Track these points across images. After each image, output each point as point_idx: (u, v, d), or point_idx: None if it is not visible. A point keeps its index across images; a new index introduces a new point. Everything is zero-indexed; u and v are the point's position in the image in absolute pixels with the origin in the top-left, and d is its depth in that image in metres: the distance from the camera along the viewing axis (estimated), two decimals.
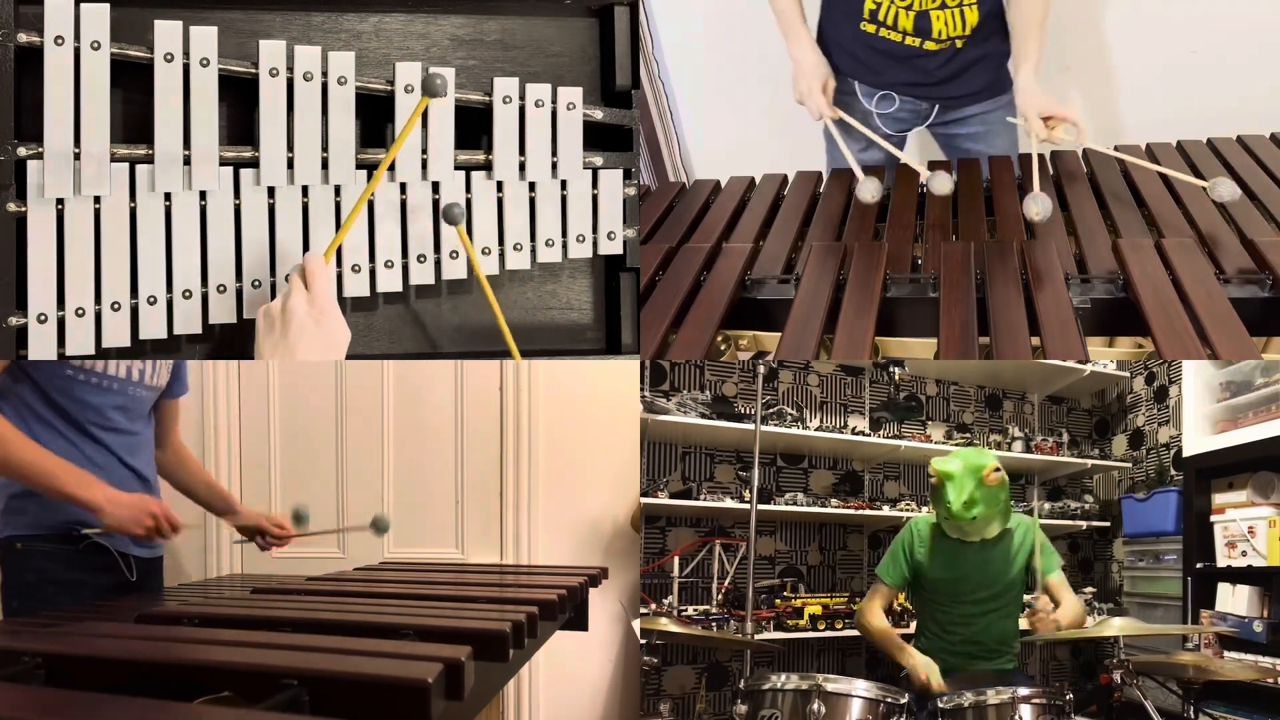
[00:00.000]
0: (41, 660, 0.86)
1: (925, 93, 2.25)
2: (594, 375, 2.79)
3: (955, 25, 2.14)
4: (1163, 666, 2.14)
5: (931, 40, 2.16)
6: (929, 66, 2.21)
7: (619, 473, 2.80)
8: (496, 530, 2.82)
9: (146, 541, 1.75)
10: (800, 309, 1.58)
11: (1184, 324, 1.44)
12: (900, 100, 2.24)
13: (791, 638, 2.89)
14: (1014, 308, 1.52)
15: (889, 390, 3.46)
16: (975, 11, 2.13)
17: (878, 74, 2.23)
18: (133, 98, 1.56)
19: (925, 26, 2.15)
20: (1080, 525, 3.55)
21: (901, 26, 2.15)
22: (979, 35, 2.17)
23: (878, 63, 2.22)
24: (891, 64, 2.21)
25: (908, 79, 2.23)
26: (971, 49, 2.19)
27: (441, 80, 1.50)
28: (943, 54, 2.19)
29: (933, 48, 2.18)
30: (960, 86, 2.25)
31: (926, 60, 2.20)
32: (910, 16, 2.14)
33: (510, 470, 2.81)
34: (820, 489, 3.29)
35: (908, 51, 2.18)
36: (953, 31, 2.15)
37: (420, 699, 0.79)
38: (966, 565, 2.28)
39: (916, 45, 2.17)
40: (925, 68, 2.21)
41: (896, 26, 2.16)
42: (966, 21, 2.14)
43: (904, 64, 2.21)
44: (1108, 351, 1.83)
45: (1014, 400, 3.79)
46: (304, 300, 1.41)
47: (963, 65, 2.21)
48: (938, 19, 2.13)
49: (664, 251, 1.82)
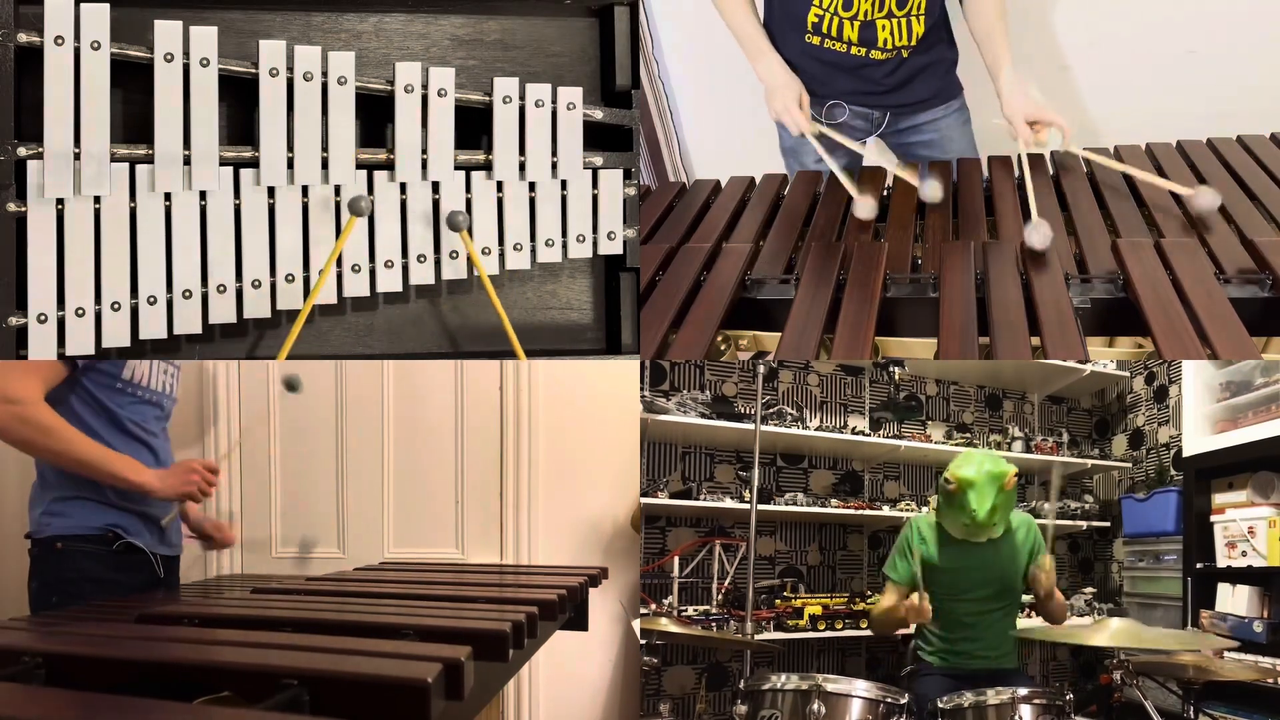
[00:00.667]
0: (41, 660, 0.86)
1: (874, 101, 2.24)
2: (594, 375, 2.79)
3: (901, 35, 2.13)
4: (1163, 667, 2.14)
5: (878, 50, 2.15)
6: (876, 76, 2.20)
7: (619, 473, 2.80)
8: (496, 530, 2.82)
9: (200, 499, 1.89)
10: (800, 309, 1.58)
11: (1184, 324, 1.44)
12: (850, 109, 2.24)
13: (791, 638, 2.89)
14: (1014, 308, 1.52)
15: (889, 390, 3.46)
16: (922, 22, 2.13)
17: (825, 84, 2.21)
18: (133, 98, 1.56)
19: (871, 37, 2.14)
20: (1080, 525, 3.55)
21: (846, 37, 2.14)
22: (924, 44, 2.17)
23: (824, 74, 2.20)
24: (838, 74, 2.20)
25: (855, 88, 2.22)
26: (918, 57, 2.19)
27: (367, 201, 1.58)
28: (889, 63, 2.18)
29: (879, 57, 2.17)
30: (909, 94, 2.24)
31: (874, 69, 2.19)
32: (855, 26, 2.12)
33: (510, 470, 2.80)
34: (820, 489, 3.29)
35: (854, 61, 2.17)
36: (899, 41, 2.14)
37: (420, 699, 0.79)
38: (970, 563, 2.28)
39: (863, 55, 2.16)
40: (873, 77, 2.20)
41: (841, 37, 2.14)
42: (913, 31, 2.13)
43: (851, 74, 2.20)
44: (1108, 351, 1.83)
45: (1014, 400, 3.79)
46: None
47: (910, 73, 2.20)
48: (884, 28, 2.12)
49: (664, 251, 1.82)
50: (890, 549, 2.46)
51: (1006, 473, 2.20)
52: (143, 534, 1.85)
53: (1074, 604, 3.27)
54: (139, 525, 1.84)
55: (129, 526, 1.83)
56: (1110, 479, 3.79)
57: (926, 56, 2.19)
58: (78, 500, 1.80)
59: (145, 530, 1.86)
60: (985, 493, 2.18)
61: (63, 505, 1.81)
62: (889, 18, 2.10)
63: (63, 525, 1.80)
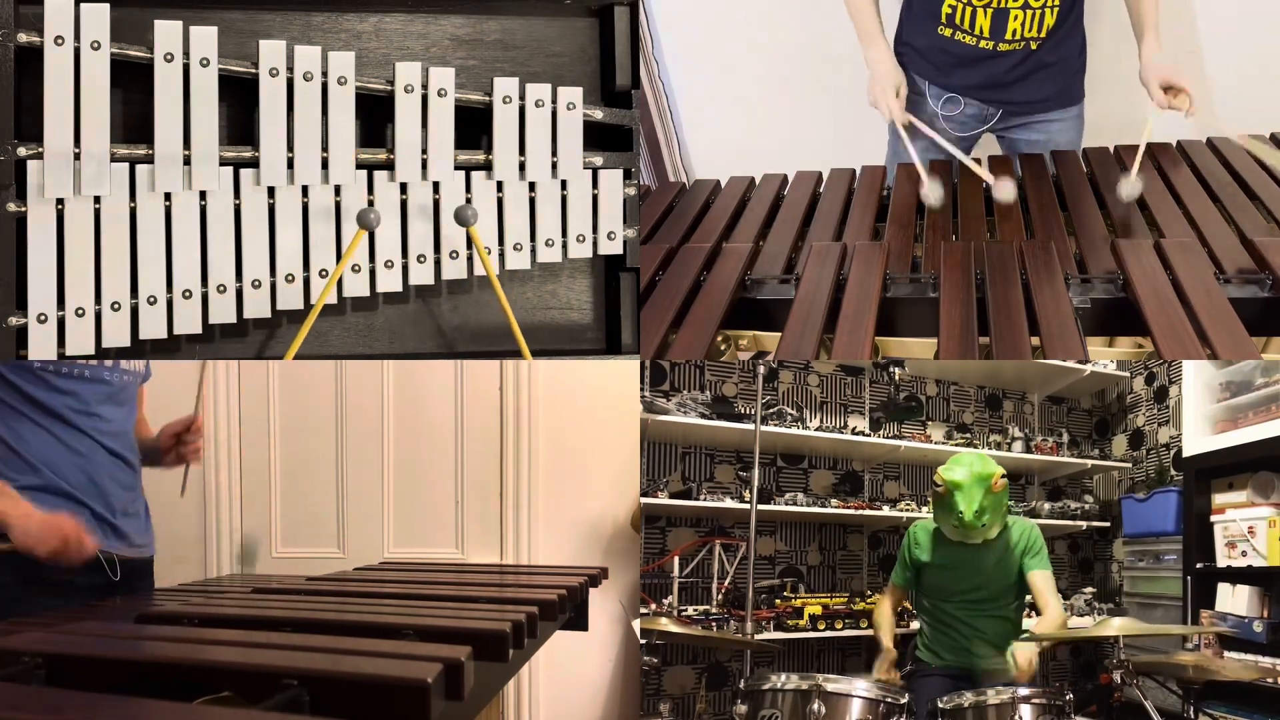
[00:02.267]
0: (41, 660, 0.86)
1: (992, 96, 2.23)
2: (594, 375, 2.79)
3: (1031, 25, 2.12)
4: (1163, 666, 2.14)
5: (1004, 41, 2.14)
6: (999, 70, 2.19)
7: (619, 473, 2.80)
8: (496, 530, 2.82)
9: (56, 561, 1.67)
10: (800, 309, 1.58)
11: (1183, 324, 1.44)
12: (966, 103, 2.23)
13: (791, 638, 2.89)
14: (1014, 308, 1.52)
15: (889, 390, 3.46)
16: (1054, 14, 2.11)
17: (947, 76, 2.22)
18: (133, 98, 1.56)
19: (1001, 27, 2.12)
20: (1080, 525, 3.55)
21: (978, 28, 2.14)
22: (1054, 38, 2.15)
23: (948, 65, 2.21)
24: (962, 67, 2.20)
25: (976, 82, 2.22)
26: (1045, 53, 2.16)
27: (375, 215, 1.56)
28: (1014, 55, 2.17)
29: (1005, 49, 2.16)
30: (1028, 91, 2.22)
31: (997, 63, 2.18)
32: (988, 16, 2.12)
33: (510, 470, 2.80)
34: (820, 489, 3.28)
35: (979, 54, 2.17)
36: (1027, 32, 2.13)
37: (420, 699, 0.79)
38: (965, 565, 2.29)
39: (990, 48, 2.15)
40: (995, 71, 2.19)
41: (973, 29, 2.14)
42: (1044, 23, 2.12)
43: (974, 67, 2.19)
44: (1107, 351, 1.83)
45: (1014, 400, 3.79)
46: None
47: (1033, 68, 2.18)
48: (1015, 19, 2.11)
49: (664, 251, 1.81)
50: (890, 549, 2.47)
51: (993, 474, 2.21)
52: (94, 531, 1.70)
53: (1074, 604, 3.27)
54: (90, 521, 1.71)
55: (82, 522, 1.66)
56: (1110, 479, 3.79)
57: (1054, 54, 2.17)
58: (22, 491, 1.65)
59: (98, 527, 1.72)
60: (972, 494, 2.19)
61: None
62: (1024, 8, 2.10)
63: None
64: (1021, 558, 2.31)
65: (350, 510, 2.82)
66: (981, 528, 2.22)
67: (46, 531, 1.61)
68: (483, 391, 2.81)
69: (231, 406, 2.78)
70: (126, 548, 1.80)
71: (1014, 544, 2.32)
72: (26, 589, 1.65)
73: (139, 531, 1.84)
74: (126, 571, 1.80)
